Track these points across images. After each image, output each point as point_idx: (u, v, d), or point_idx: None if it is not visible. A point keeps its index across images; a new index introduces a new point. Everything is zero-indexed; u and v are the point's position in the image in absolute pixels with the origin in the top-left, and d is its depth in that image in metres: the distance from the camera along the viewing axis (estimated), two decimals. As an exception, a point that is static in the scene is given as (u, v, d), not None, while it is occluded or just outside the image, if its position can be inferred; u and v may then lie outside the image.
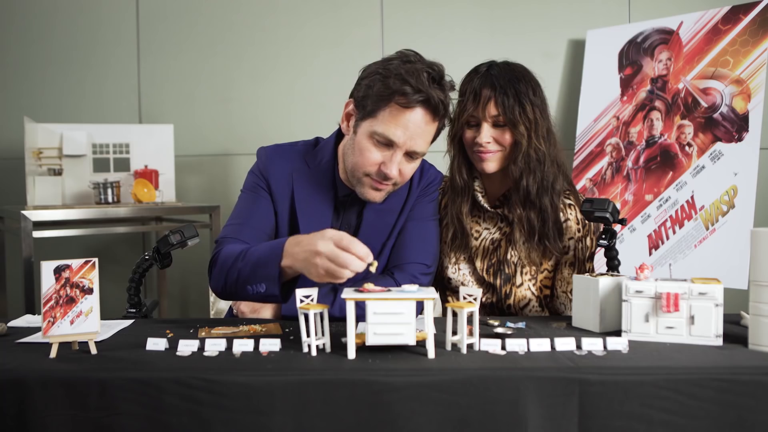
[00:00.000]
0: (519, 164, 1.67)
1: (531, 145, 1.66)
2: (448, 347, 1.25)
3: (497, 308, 1.75)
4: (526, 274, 1.72)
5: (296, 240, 1.43)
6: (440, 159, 1.82)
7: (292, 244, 1.43)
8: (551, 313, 1.75)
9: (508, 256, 1.73)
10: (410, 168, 1.60)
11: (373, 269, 1.32)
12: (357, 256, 1.30)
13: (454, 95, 1.63)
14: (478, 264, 1.75)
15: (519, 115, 1.64)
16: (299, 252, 1.40)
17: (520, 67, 1.73)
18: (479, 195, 1.76)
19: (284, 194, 1.66)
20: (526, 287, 1.72)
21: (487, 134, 1.67)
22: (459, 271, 1.77)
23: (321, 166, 1.69)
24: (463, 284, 1.75)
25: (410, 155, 1.57)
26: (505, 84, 1.65)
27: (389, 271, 1.65)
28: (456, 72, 1.65)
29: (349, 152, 1.61)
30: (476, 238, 1.77)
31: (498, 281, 1.73)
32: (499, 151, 1.69)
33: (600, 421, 1.09)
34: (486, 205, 1.75)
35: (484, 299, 1.74)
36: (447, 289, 1.81)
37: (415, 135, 1.53)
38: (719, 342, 1.28)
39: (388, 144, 1.54)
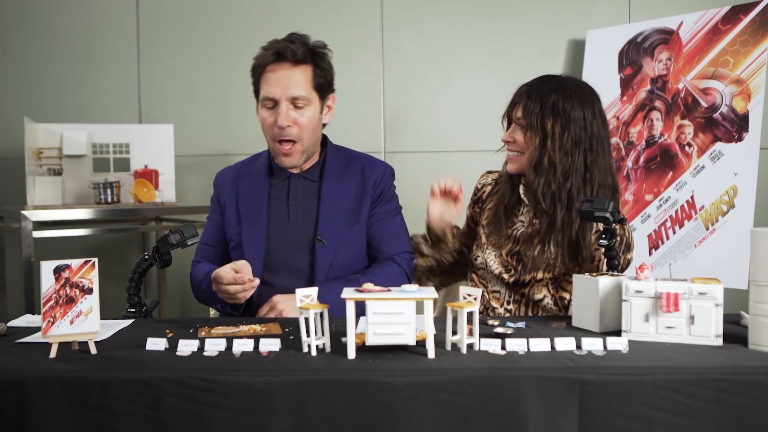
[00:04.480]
0: (531, 169, 1.72)
1: (544, 153, 1.70)
2: (448, 347, 1.25)
3: (516, 285, 1.78)
4: (548, 272, 1.75)
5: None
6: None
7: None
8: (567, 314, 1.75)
9: (535, 253, 1.75)
10: (304, 118, 1.76)
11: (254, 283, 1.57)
12: (235, 285, 1.55)
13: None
14: (504, 249, 1.80)
15: (536, 121, 1.70)
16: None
17: (572, 82, 1.75)
18: (522, 188, 1.81)
19: (231, 197, 1.89)
20: (544, 283, 1.76)
21: (510, 133, 1.78)
22: (485, 251, 1.82)
23: (259, 161, 1.92)
24: (487, 264, 1.80)
25: (295, 104, 1.74)
26: (538, 91, 1.72)
27: (386, 261, 1.79)
28: (456, 71, 1.64)
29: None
30: (509, 227, 1.81)
31: (519, 267, 1.77)
32: (519, 153, 1.76)
33: (600, 421, 1.09)
34: (525, 198, 1.80)
35: (507, 276, 1.78)
36: (472, 270, 1.87)
37: (287, 84, 1.74)
38: (719, 342, 1.28)
39: (272, 104, 1.76)
